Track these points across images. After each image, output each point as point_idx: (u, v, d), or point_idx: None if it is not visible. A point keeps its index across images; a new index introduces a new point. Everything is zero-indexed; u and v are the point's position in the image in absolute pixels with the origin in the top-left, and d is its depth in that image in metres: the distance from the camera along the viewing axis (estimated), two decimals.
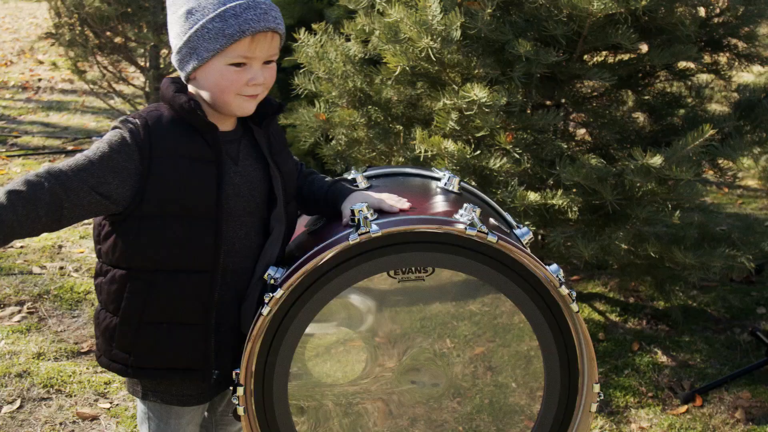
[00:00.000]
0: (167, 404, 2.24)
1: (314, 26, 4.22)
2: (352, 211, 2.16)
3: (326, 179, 2.45)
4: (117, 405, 3.53)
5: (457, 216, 2.21)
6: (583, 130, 4.42)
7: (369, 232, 2.10)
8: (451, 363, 2.32)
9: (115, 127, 2.07)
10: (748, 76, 5.89)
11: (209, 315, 2.12)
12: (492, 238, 2.14)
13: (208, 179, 2.09)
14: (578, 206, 3.54)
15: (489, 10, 3.50)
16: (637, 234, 3.71)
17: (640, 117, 4.31)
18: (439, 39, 3.45)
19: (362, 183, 2.49)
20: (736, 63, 4.35)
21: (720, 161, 3.88)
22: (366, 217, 2.13)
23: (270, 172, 2.22)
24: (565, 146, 3.75)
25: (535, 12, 3.55)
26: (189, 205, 2.08)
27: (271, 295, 2.11)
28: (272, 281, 2.18)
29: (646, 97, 4.25)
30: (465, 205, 2.22)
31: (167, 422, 2.27)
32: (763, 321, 4.33)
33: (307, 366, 2.28)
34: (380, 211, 2.23)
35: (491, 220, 2.40)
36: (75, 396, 3.58)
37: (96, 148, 2.04)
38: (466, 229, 2.14)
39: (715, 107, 4.44)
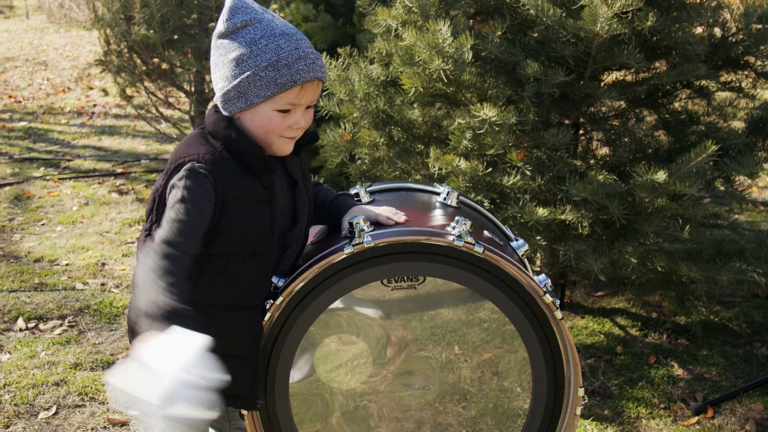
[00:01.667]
0: None
1: (339, 50, 4.39)
2: (350, 224, 2.30)
3: (331, 191, 2.59)
4: None
5: (448, 228, 2.34)
6: (604, 149, 4.51)
7: (362, 243, 2.25)
8: (455, 368, 2.44)
9: (189, 179, 2.13)
10: None
11: (257, 347, 2.24)
12: (478, 249, 2.27)
13: (265, 219, 2.23)
14: (588, 221, 3.64)
15: (499, 33, 3.63)
16: (647, 249, 3.79)
17: (659, 135, 4.39)
18: (451, 61, 3.59)
19: (365, 198, 2.63)
20: (759, 81, 4.42)
21: (733, 176, 3.95)
22: (362, 230, 2.28)
23: (296, 197, 2.36)
24: (579, 164, 3.85)
25: (544, 33, 3.67)
26: (251, 245, 2.21)
27: (272, 301, 2.27)
28: (273, 289, 2.33)
29: (666, 116, 4.33)
30: (457, 218, 2.35)
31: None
32: None
33: (316, 368, 2.41)
34: (377, 224, 2.37)
35: (485, 232, 2.52)
36: (107, 403, 3.76)
37: (185, 209, 2.11)
38: (454, 240, 2.27)
39: (737, 125, 4.51)
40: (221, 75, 2.21)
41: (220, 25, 2.22)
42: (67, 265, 5.39)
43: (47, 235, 6.04)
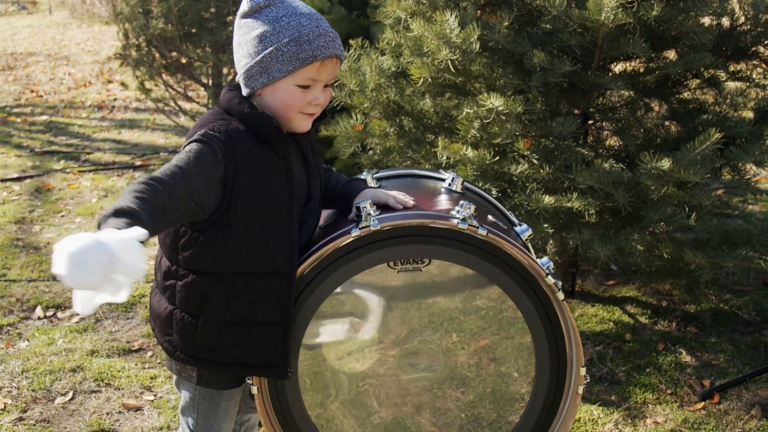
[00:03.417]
0: (221, 389, 2.42)
1: (351, 42, 4.45)
2: (357, 208, 2.36)
3: (342, 176, 2.65)
4: (161, 397, 3.78)
5: (453, 212, 2.39)
6: (614, 139, 4.55)
7: (369, 226, 2.31)
8: (455, 353, 2.49)
9: (199, 140, 2.21)
10: None
11: (287, 314, 2.29)
12: (482, 232, 2.33)
13: (281, 189, 2.28)
14: (595, 209, 3.68)
15: (506, 23, 3.68)
16: (654, 236, 3.83)
17: (670, 125, 4.42)
18: (459, 51, 3.64)
19: (372, 184, 2.68)
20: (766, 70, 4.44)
21: (740, 165, 3.97)
22: (369, 213, 2.34)
23: (308, 172, 2.43)
24: (587, 152, 3.89)
25: (551, 23, 3.71)
26: (268, 214, 2.26)
27: None
28: None
29: (675, 106, 4.36)
30: (461, 202, 2.41)
31: (218, 404, 2.45)
32: None
33: (323, 351, 2.47)
34: (385, 207, 2.43)
35: (489, 216, 2.57)
36: (122, 389, 3.84)
37: (186, 158, 2.17)
38: (458, 223, 2.33)
39: (748, 114, 4.52)
40: (244, 52, 2.29)
41: (244, 5, 2.29)
42: None
43: (66, 226, 6.14)
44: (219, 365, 2.33)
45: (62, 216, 6.41)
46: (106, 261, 1.71)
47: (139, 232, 1.80)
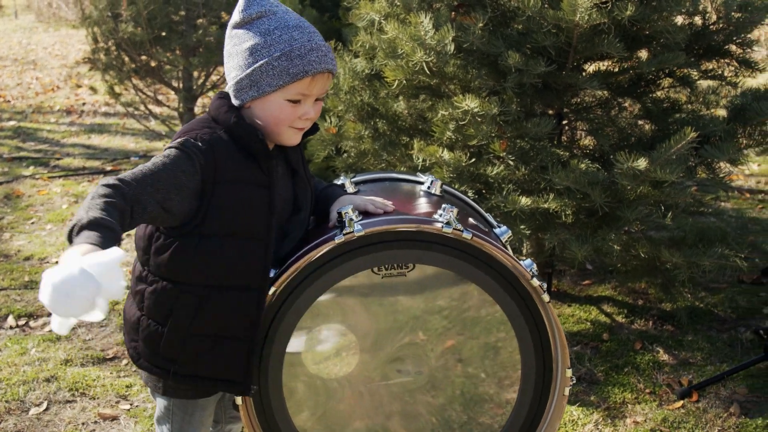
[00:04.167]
0: (194, 399, 2.38)
1: None
2: (339, 213, 2.34)
3: (320, 183, 2.63)
4: (137, 406, 3.74)
5: (436, 216, 2.38)
6: (588, 139, 4.55)
7: (353, 232, 2.28)
8: (426, 355, 2.47)
9: (178, 147, 2.16)
10: (760, 80, 5.95)
11: (254, 330, 2.25)
12: (467, 235, 2.31)
13: (262, 204, 2.24)
14: (572, 210, 3.68)
15: (481, 24, 3.67)
16: (631, 236, 3.84)
17: (644, 124, 4.43)
18: (433, 53, 3.62)
19: (350, 188, 2.66)
20: (740, 69, 4.46)
21: (715, 163, 3.99)
22: (351, 219, 2.31)
23: (298, 185, 2.39)
24: (562, 153, 3.89)
25: (525, 24, 3.71)
26: (245, 228, 2.22)
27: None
28: None
29: (649, 105, 4.37)
30: (443, 205, 2.39)
31: (192, 415, 2.41)
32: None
33: (302, 358, 2.44)
34: (366, 213, 2.40)
35: (470, 219, 2.56)
36: (98, 398, 3.79)
37: (161, 163, 2.13)
38: (443, 227, 2.31)
39: (720, 113, 4.55)
40: (235, 64, 2.24)
41: (236, 16, 2.25)
42: (56, 262, 5.41)
43: (37, 233, 6.07)
44: (181, 377, 2.29)
45: (33, 223, 6.33)
46: (92, 291, 1.72)
47: (119, 253, 1.79)
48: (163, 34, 7.39)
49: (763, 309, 4.54)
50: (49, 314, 1.84)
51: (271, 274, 2.32)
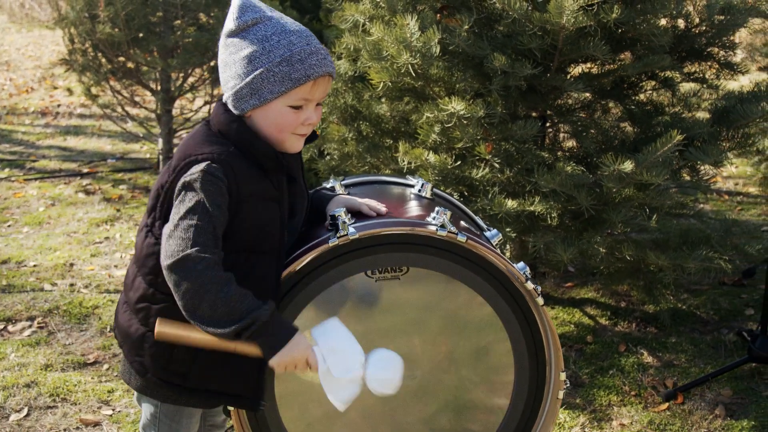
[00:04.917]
0: (184, 406, 2.35)
1: None
2: (332, 216, 2.32)
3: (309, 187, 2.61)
4: (119, 412, 3.69)
5: (429, 219, 2.37)
6: (572, 141, 4.55)
7: (347, 234, 2.26)
8: (419, 359, 2.46)
9: (204, 178, 2.12)
10: (740, 82, 5.99)
11: None
12: (461, 238, 2.31)
13: (275, 218, 2.22)
14: (557, 212, 3.68)
15: (466, 26, 3.65)
16: (615, 238, 3.84)
17: (627, 126, 4.44)
18: (419, 55, 3.61)
19: (340, 191, 2.65)
20: (722, 72, 4.48)
21: (699, 165, 4.00)
22: (345, 221, 2.30)
23: (295, 192, 2.36)
24: (547, 155, 3.88)
25: (511, 26, 3.70)
26: (261, 243, 2.20)
27: None
28: None
29: (632, 107, 4.38)
30: (437, 208, 2.39)
31: (179, 422, 2.38)
32: (750, 322, 4.42)
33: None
34: (359, 215, 2.39)
35: (462, 222, 2.56)
36: (79, 404, 3.74)
37: (202, 208, 2.11)
38: (437, 230, 2.31)
39: (702, 115, 4.56)
40: (232, 73, 2.19)
41: (230, 24, 2.19)
42: (34, 266, 5.35)
43: (14, 236, 5.99)
44: (190, 391, 2.27)
45: (9, 226, 6.26)
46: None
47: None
48: (141, 35, 7.30)
49: (746, 311, 4.57)
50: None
51: None
